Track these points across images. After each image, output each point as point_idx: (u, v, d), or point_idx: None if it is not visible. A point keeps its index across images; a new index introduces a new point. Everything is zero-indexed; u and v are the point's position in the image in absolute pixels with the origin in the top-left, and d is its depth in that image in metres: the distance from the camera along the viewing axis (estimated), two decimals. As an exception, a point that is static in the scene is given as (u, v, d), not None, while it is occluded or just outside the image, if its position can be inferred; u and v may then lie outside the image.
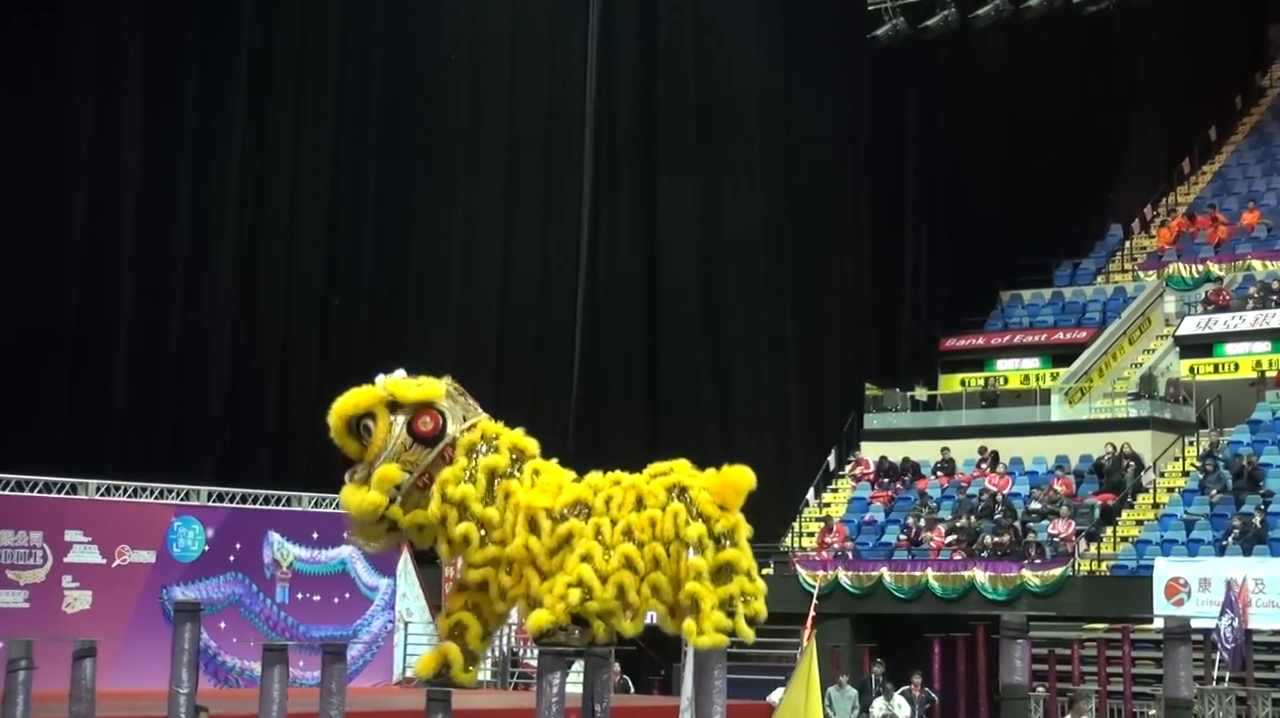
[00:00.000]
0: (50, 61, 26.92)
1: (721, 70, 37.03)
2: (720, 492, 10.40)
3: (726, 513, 10.39)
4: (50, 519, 23.08)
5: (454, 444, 10.44)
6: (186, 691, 10.51)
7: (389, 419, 10.39)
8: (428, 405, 10.54)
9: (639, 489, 10.43)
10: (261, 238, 30.14)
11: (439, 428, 10.42)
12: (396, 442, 10.38)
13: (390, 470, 10.30)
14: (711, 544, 10.19)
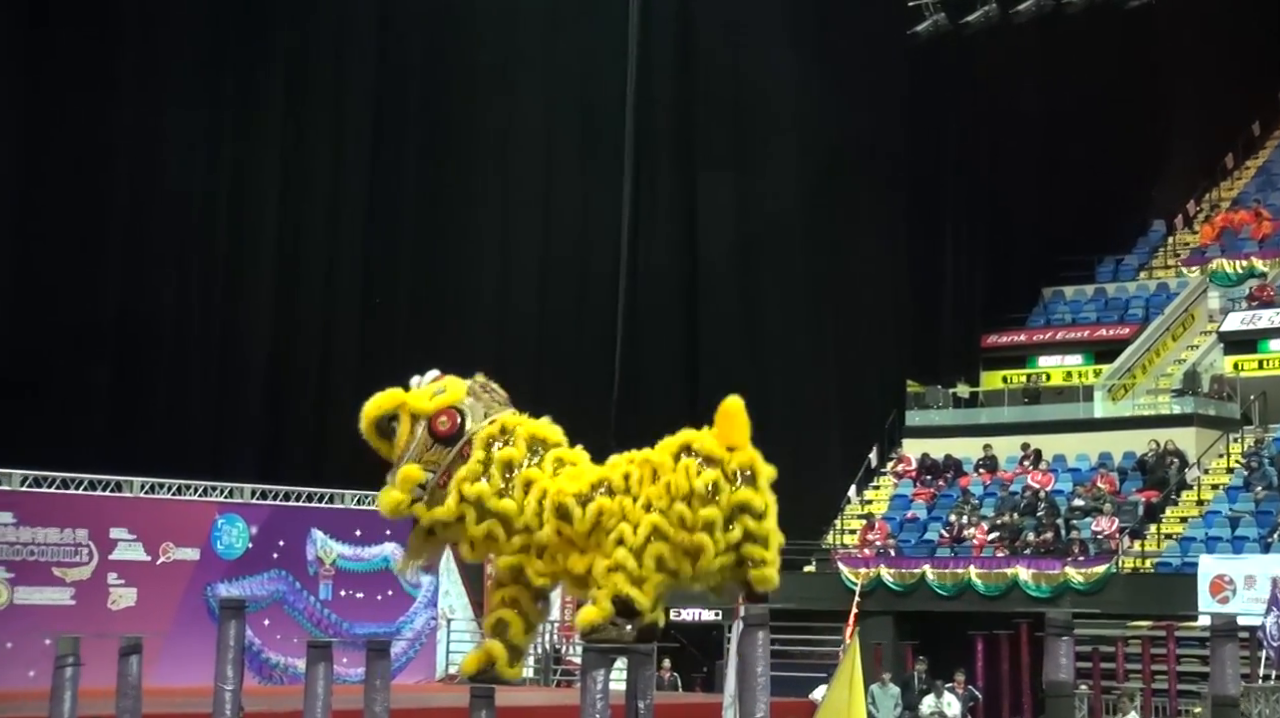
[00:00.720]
0: (94, 62, 27.08)
1: (759, 67, 36.97)
2: (723, 432, 10.40)
3: (737, 451, 10.34)
4: (95, 517, 23.18)
5: (471, 441, 10.49)
6: (232, 687, 10.55)
7: (410, 420, 10.51)
8: (448, 406, 10.61)
9: (653, 462, 10.44)
10: (301, 237, 30.29)
11: (456, 426, 10.50)
12: (418, 442, 10.49)
13: (412, 470, 10.44)
14: (728, 487, 10.15)
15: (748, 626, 8.83)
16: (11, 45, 26.25)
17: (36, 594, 22.33)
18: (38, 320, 25.94)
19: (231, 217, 29.13)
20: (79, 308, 26.52)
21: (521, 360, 33.37)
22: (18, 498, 22.46)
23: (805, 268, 37.14)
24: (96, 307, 26.79)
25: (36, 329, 25.85)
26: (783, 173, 36.91)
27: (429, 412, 10.52)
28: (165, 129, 28.11)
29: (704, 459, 10.18)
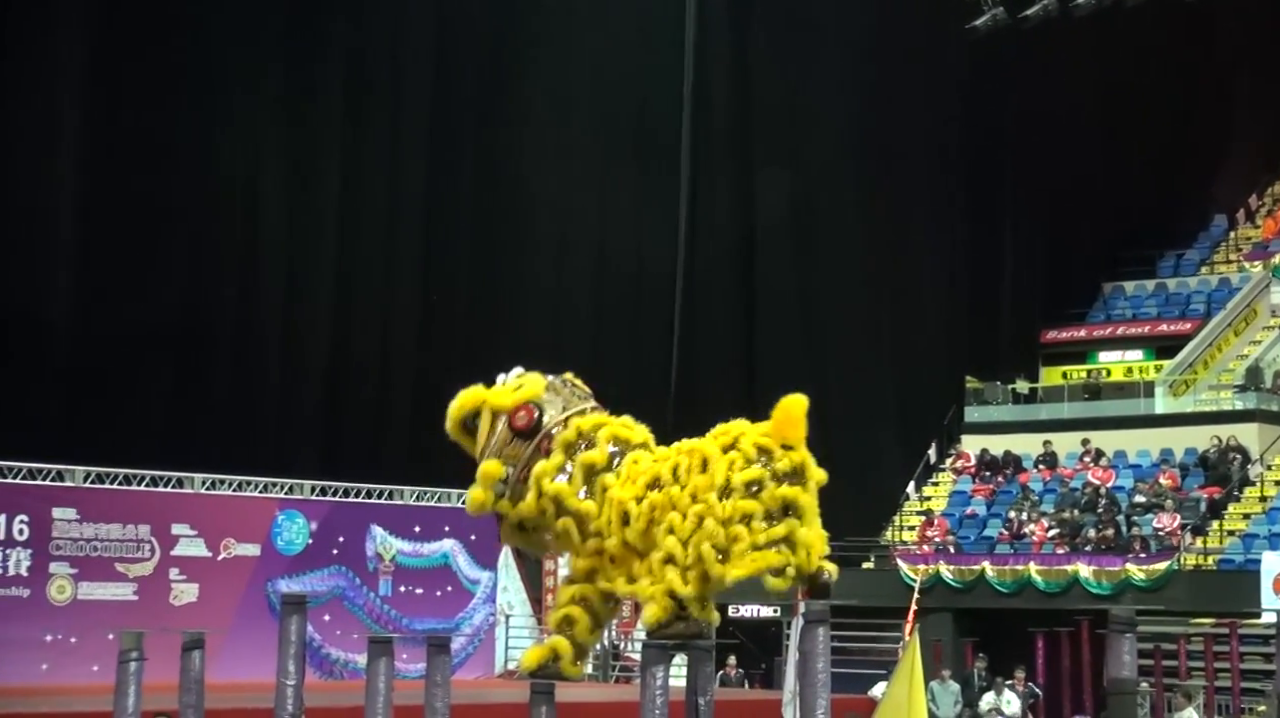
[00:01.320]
0: (156, 60, 27.26)
1: (816, 62, 36.88)
2: (778, 428, 10.30)
3: (790, 450, 10.25)
4: (157, 513, 23.38)
5: (551, 437, 10.51)
6: (293, 682, 10.59)
7: (491, 417, 10.58)
8: (526, 401, 10.66)
9: (703, 452, 10.38)
10: (360, 235, 30.42)
11: (534, 420, 10.52)
12: (498, 438, 10.53)
13: (491, 466, 10.43)
14: (772, 484, 10.06)
15: (808, 622, 8.81)
16: (74, 45, 26.44)
17: (100, 590, 22.54)
18: (100, 318, 26.13)
19: (292, 214, 29.28)
20: (141, 305, 26.69)
21: (577, 356, 33.08)
22: (81, 494, 22.67)
23: (863, 264, 37.00)
24: (159, 304, 26.95)
25: (99, 326, 26.05)
26: (840, 168, 36.79)
27: (508, 407, 10.55)
28: (226, 127, 28.28)
29: (759, 450, 10.10)
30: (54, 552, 22.21)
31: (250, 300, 28.26)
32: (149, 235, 27.12)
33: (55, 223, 26.03)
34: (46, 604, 22.05)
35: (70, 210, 26.40)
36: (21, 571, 21.89)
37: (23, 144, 25.65)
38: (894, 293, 37.23)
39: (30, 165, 25.75)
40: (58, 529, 22.27)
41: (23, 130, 25.65)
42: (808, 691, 8.73)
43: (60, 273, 25.88)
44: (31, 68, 25.89)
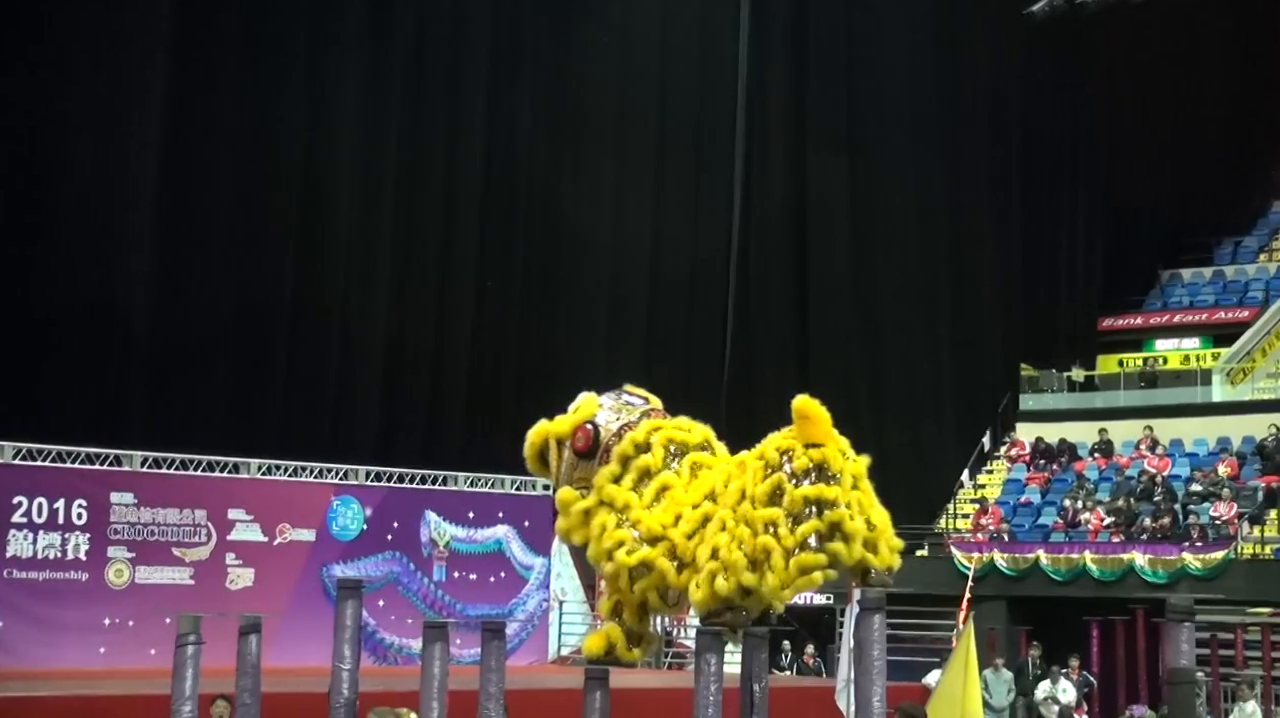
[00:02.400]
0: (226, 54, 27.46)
1: (873, 47, 36.77)
2: (802, 432, 10.29)
3: (810, 450, 10.22)
4: (214, 498, 23.52)
5: (609, 449, 10.69)
6: (349, 667, 10.63)
7: (556, 447, 10.89)
8: (581, 423, 10.87)
9: (744, 461, 10.44)
10: (416, 221, 30.49)
11: (591, 440, 10.74)
12: (565, 464, 10.79)
13: (566, 494, 10.75)
14: (790, 486, 10.03)
15: (863, 609, 8.79)
16: (152, 32, 26.64)
17: (157, 574, 22.70)
18: (155, 305, 26.27)
19: (351, 202, 29.39)
20: (197, 292, 26.86)
21: (630, 345, 33.48)
22: (138, 479, 22.84)
23: (918, 250, 36.88)
24: (216, 291, 27.11)
25: (154, 314, 26.20)
26: (895, 155, 36.67)
27: (567, 433, 10.80)
28: (282, 113, 28.39)
29: (781, 453, 10.10)
30: (112, 536, 22.38)
31: (308, 288, 28.36)
32: (206, 221, 27.26)
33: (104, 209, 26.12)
34: (105, 588, 22.23)
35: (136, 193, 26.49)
36: (80, 555, 22.07)
37: (96, 133, 25.83)
38: (949, 280, 37.09)
39: (101, 152, 25.92)
40: (115, 514, 22.44)
41: (97, 119, 25.85)
42: (862, 679, 8.72)
43: (116, 260, 26.02)
44: (107, 56, 26.09)
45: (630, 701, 15.80)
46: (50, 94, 25.28)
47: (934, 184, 37.00)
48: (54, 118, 25.40)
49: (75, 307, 24.94)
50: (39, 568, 21.70)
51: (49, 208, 25.33)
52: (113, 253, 25.84)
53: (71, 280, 25.05)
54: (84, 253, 25.40)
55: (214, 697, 14.18)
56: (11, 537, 21.40)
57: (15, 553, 21.45)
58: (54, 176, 25.50)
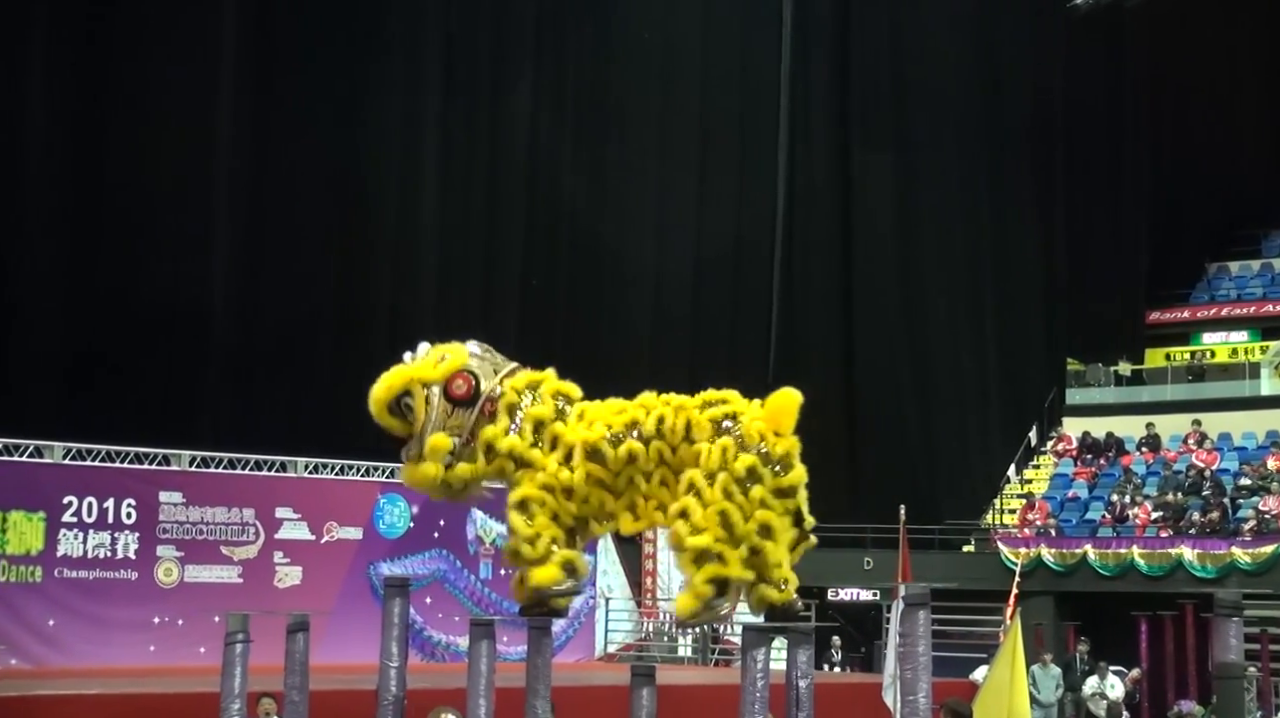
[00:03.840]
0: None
1: (916, 41, 36.69)
2: (773, 417, 10.15)
3: (781, 438, 10.13)
4: (261, 497, 23.64)
5: (493, 400, 10.36)
6: (396, 664, 10.66)
7: (424, 392, 10.40)
8: (458, 370, 10.50)
9: (690, 416, 10.20)
10: (460, 219, 30.56)
11: (472, 388, 10.38)
12: (437, 411, 10.35)
13: (439, 439, 10.28)
14: (767, 472, 9.93)
15: (909, 605, 8.76)
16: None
17: (205, 573, 22.83)
18: (203, 307, 26.42)
19: (399, 199, 29.52)
20: (244, 294, 27.01)
21: (677, 337, 33.49)
22: (187, 478, 22.97)
23: (963, 244, 36.79)
24: (260, 291, 27.24)
25: (203, 316, 26.34)
26: (940, 147, 36.57)
27: (440, 379, 10.39)
28: (327, 112, 28.52)
29: (741, 440, 9.96)
30: (161, 535, 22.51)
31: (351, 287, 28.47)
32: (247, 220, 27.41)
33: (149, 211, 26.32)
34: (154, 587, 22.37)
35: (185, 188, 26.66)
36: (130, 554, 22.21)
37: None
38: (994, 274, 36.97)
39: (173, 155, 26.18)
40: (164, 513, 22.57)
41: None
42: (908, 674, 8.70)
43: (170, 262, 26.18)
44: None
45: (677, 697, 15.83)
46: (127, 95, 25.61)
47: (978, 178, 36.90)
48: (130, 119, 25.68)
49: (125, 308, 25.10)
50: (89, 567, 21.84)
51: (116, 207, 25.56)
52: (170, 255, 26.00)
53: (120, 283, 25.22)
54: (139, 255, 25.57)
55: (262, 694, 14.26)
56: (62, 536, 21.55)
57: (66, 552, 21.60)
58: (106, 174, 25.69)
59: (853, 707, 19.25)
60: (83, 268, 25.14)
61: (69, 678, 18.99)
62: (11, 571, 21.08)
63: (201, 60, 26.51)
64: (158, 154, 25.82)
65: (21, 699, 15.67)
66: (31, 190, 24.78)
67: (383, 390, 10.46)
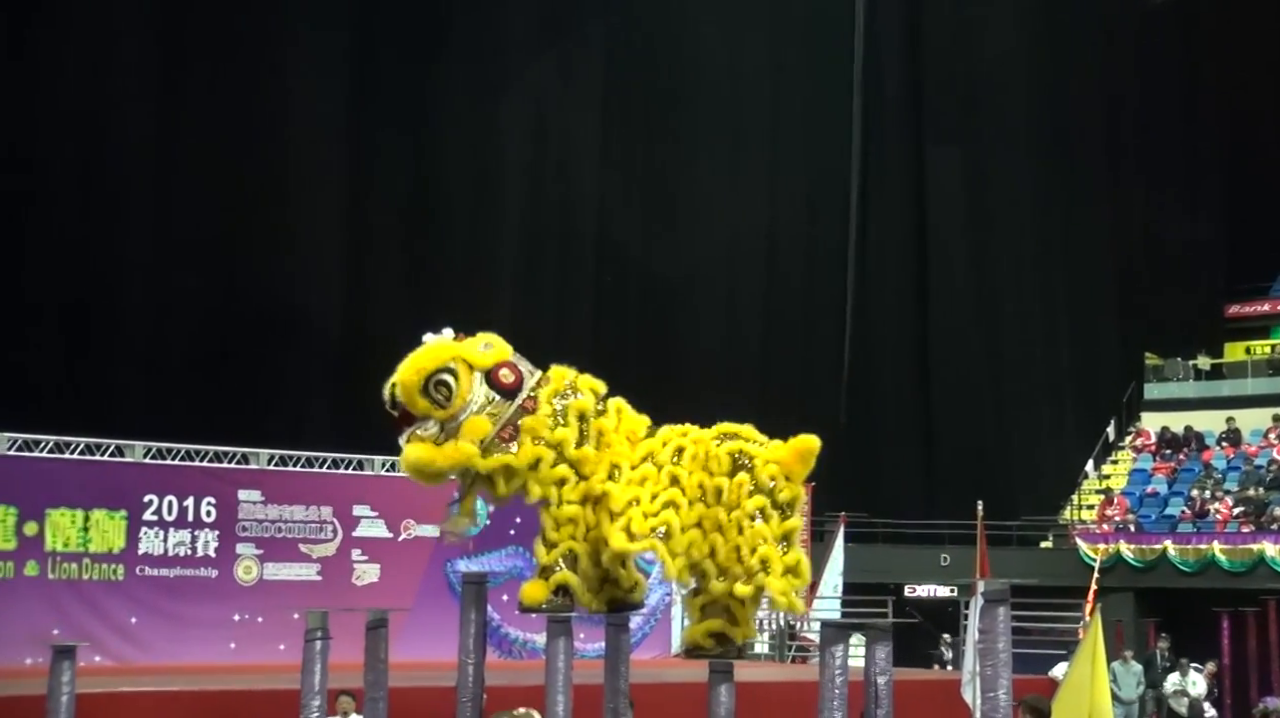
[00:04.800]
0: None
1: (987, 36, 36.50)
2: (787, 463, 10.10)
3: (790, 483, 10.10)
4: (339, 495, 23.73)
5: (533, 397, 10.30)
6: (474, 661, 10.71)
7: (470, 374, 10.26)
8: (505, 360, 10.42)
9: (706, 448, 10.18)
10: (537, 216, 30.69)
11: (520, 380, 10.30)
12: (480, 396, 10.24)
13: (480, 422, 10.18)
14: (775, 514, 9.93)
15: (988, 601, 8.72)
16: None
17: (284, 570, 22.95)
18: (281, 307, 26.65)
19: (476, 197, 29.69)
20: (317, 293, 27.22)
21: (749, 338, 33.48)
22: (265, 477, 23.10)
23: (1038, 239, 36.60)
24: (333, 292, 27.48)
25: (279, 316, 26.57)
26: (1013, 142, 36.38)
27: (486, 365, 10.29)
28: (405, 118, 28.75)
29: (755, 483, 9.97)
30: (240, 533, 22.65)
31: (416, 288, 28.62)
32: (323, 227, 27.67)
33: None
34: (234, 585, 22.51)
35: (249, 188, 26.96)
36: (209, 552, 22.36)
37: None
38: (1070, 268, 36.75)
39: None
40: (243, 511, 22.70)
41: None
42: (988, 671, 8.66)
43: (247, 262, 26.45)
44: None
45: (755, 694, 15.80)
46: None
47: (1052, 172, 36.69)
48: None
49: (205, 308, 25.39)
50: (169, 565, 22.01)
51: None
52: (260, 255, 26.33)
53: (200, 283, 25.52)
54: (223, 256, 25.89)
55: (341, 692, 14.35)
56: (143, 534, 21.73)
57: (147, 550, 21.77)
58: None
59: (931, 704, 19.16)
60: (164, 266, 25.44)
61: (151, 675, 19.16)
62: (94, 568, 21.27)
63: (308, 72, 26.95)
64: (253, 156, 26.18)
65: (107, 696, 15.84)
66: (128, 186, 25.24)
67: (428, 360, 10.27)
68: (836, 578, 28.17)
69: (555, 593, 10.22)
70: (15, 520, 20.54)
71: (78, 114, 25.45)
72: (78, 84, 25.39)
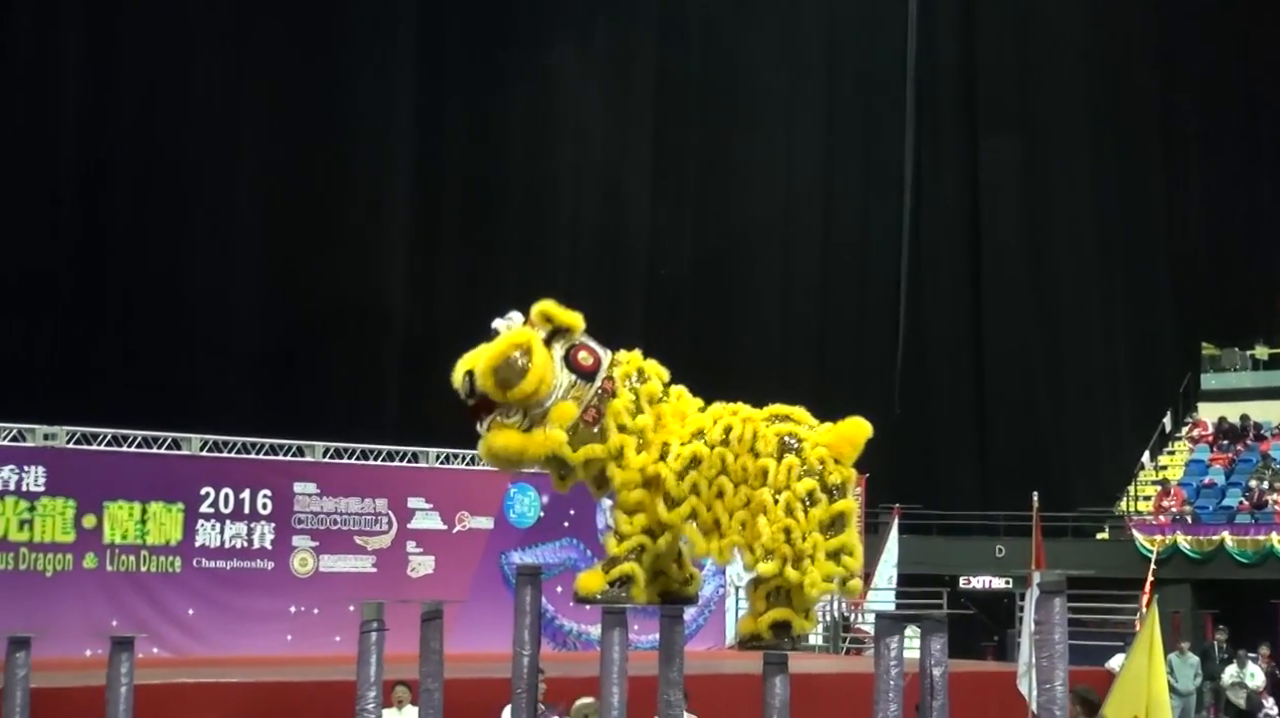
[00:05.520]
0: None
1: (1042, 25, 36.30)
2: (836, 446, 9.99)
3: (840, 466, 9.99)
4: (394, 487, 23.84)
5: (611, 378, 10.17)
6: (529, 653, 10.69)
7: (549, 358, 10.08)
8: (580, 341, 10.28)
9: (756, 429, 10.06)
10: (592, 211, 30.76)
11: (599, 362, 10.15)
12: (565, 379, 10.08)
13: (568, 407, 10.01)
14: (824, 498, 9.83)
15: (1044, 592, 8.68)
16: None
17: (340, 562, 23.09)
18: (336, 301, 26.81)
19: (526, 189, 29.77)
20: (371, 288, 27.36)
21: (803, 330, 33.42)
22: (321, 469, 23.23)
23: (1093, 229, 36.37)
24: (386, 286, 27.60)
25: (335, 309, 26.73)
26: (1068, 131, 36.18)
27: (564, 347, 10.15)
28: (451, 109, 28.85)
29: (804, 466, 9.85)
30: (296, 526, 22.79)
31: (471, 284, 28.73)
32: (371, 217, 27.80)
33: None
34: (290, 577, 22.66)
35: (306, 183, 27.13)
36: (266, 544, 22.52)
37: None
38: (1126, 257, 36.54)
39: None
40: (299, 504, 22.85)
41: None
42: (1044, 662, 8.62)
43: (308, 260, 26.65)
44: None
45: (810, 686, 15.78)
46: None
47: (1107, 160, 36.46)
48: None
49: (259, 305, 25.55)
50: (227, 557, 22.18)
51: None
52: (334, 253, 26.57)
53: (260, 284, 25.74)
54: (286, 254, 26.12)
55: (397, 683, 14.41)
56: (200, 527, 21.90)
57: (204, 543, 21.95)
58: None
59: (987, 696, 19.10)
60: (225, 261, 25.66)
61: (209, 667, 19.30)
62: (152, 561, 21.45)
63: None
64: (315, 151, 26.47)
65: (166, 687, 15.96)
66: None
67: (507, 345, 10.09)
68: (891, 570, 28.12)
69: (614, 584, 10.17)
70: (74, 513, 20.74)
71: (147, 109, 25.71)
72: (151, 77, 25.66)
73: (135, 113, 25.74)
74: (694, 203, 32.87)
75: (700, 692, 14.06)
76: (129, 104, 25.63)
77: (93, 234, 25.54)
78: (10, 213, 24.77)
